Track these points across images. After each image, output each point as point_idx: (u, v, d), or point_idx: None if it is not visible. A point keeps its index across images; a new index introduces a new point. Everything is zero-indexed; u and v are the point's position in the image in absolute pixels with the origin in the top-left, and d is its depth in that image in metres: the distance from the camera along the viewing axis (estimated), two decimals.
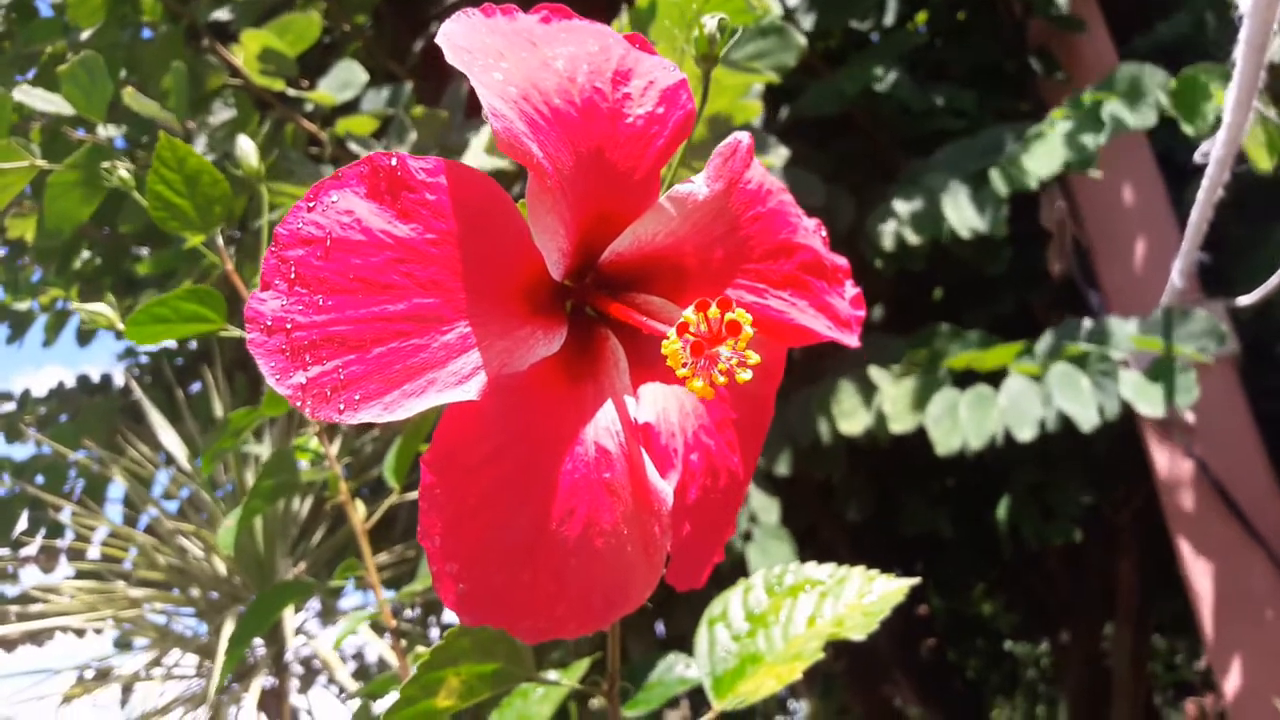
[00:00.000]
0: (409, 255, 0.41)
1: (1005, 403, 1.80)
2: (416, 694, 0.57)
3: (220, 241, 0.83)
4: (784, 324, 0.54)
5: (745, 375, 0.44)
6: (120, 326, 0.77)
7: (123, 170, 0.80)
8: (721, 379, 0.44)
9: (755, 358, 0.44)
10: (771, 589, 0.71)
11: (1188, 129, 1.69)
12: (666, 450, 0.51)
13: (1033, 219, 2.40)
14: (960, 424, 1.79)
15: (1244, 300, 1.64)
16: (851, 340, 0.57)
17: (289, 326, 0.39)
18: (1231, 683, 2.03)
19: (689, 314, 0.44)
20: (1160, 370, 1.75)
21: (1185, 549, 2.13)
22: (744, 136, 0.52)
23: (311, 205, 0.40)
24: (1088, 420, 1.74)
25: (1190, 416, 2.12)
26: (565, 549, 0.45)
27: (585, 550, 0.45)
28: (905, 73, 2.23)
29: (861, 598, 0.67)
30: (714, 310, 0.44)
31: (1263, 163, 1.26)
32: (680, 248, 0.52)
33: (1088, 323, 1.91)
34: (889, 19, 2.44)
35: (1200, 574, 2.10)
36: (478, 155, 1.61)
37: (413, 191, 0.41)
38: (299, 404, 0.39)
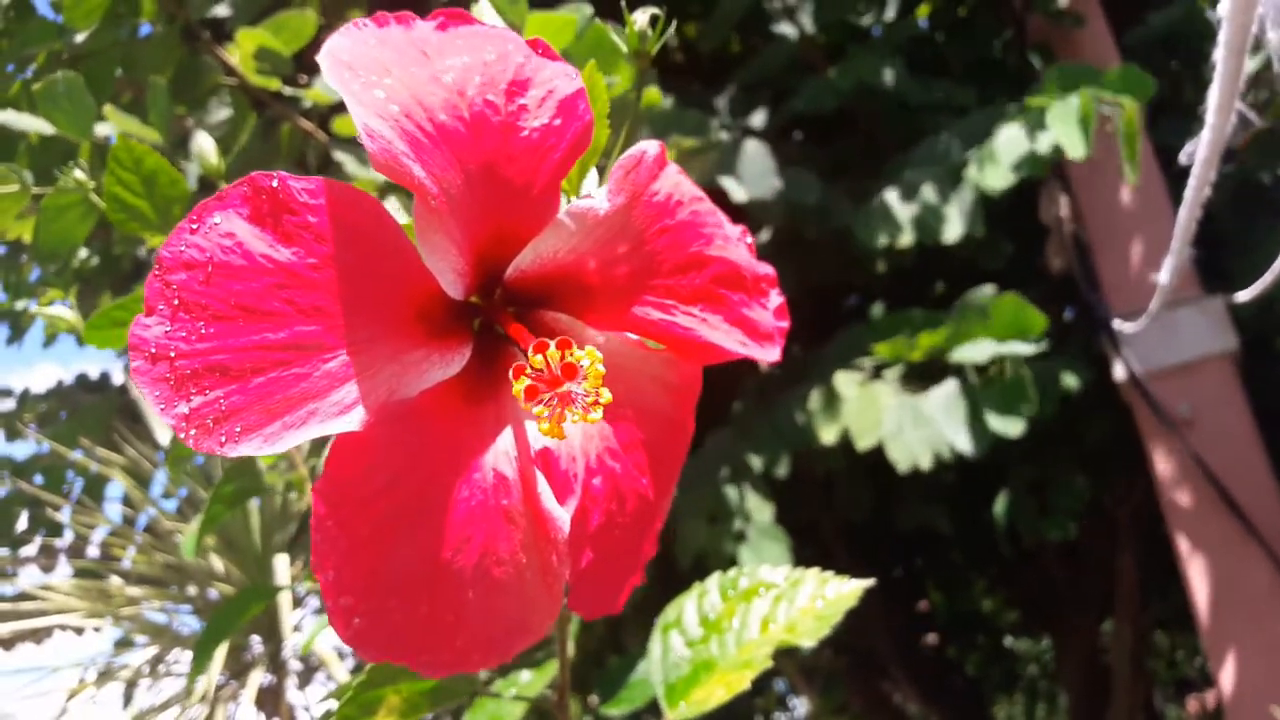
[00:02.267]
0: (290, 281, 0.39)
1: (933, 425, 1.80)
2: (354, 713, 0.55)
3: None
4: (694, 342, 0.52)
5: (595, 415, 0.43)
6: (79, 329, 0.76)
7: (78, 173, 0.79)
8: (575, 418, 0.43)
9: (607, 396, 0.44)
10: (726, 593, 0.70)
11: (1076, 153, 1.68)
12: (566, 475, 0.49)
13: (1032, 215, 2.39)
14: (908, 442, 1.80)
15: (1241, 296, 1.64)
16: (771, 355, 0.54)
17: (172, 355, 0.38)
18: (1228, 678, 2.04)
19: (530, 355, 0.43)
20: (1005, 390, 1.74)
21: (1183, 545, 2.13)
22: (650, 146, 0.50)
23: (195, 227, 0.39)
24: (970, 448, 1.74)
25: (1189, 412, 2.13)
26: (462, 579, 0.43)
27: (483, 580, 0.44)
28: (904, 68, 2.23)
29: (814, 601, 0.66)
30: (553, 351, 0.43)
31: None
32: (583, 263, 0.50)
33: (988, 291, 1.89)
34: (890, 14, 2.44)
35: (1198, 570, 2.10)
36: None
37: (294, 214, 0.40)
38: (182, 435, 0.37)
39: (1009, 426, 1.72)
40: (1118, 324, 2.12)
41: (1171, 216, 2.20)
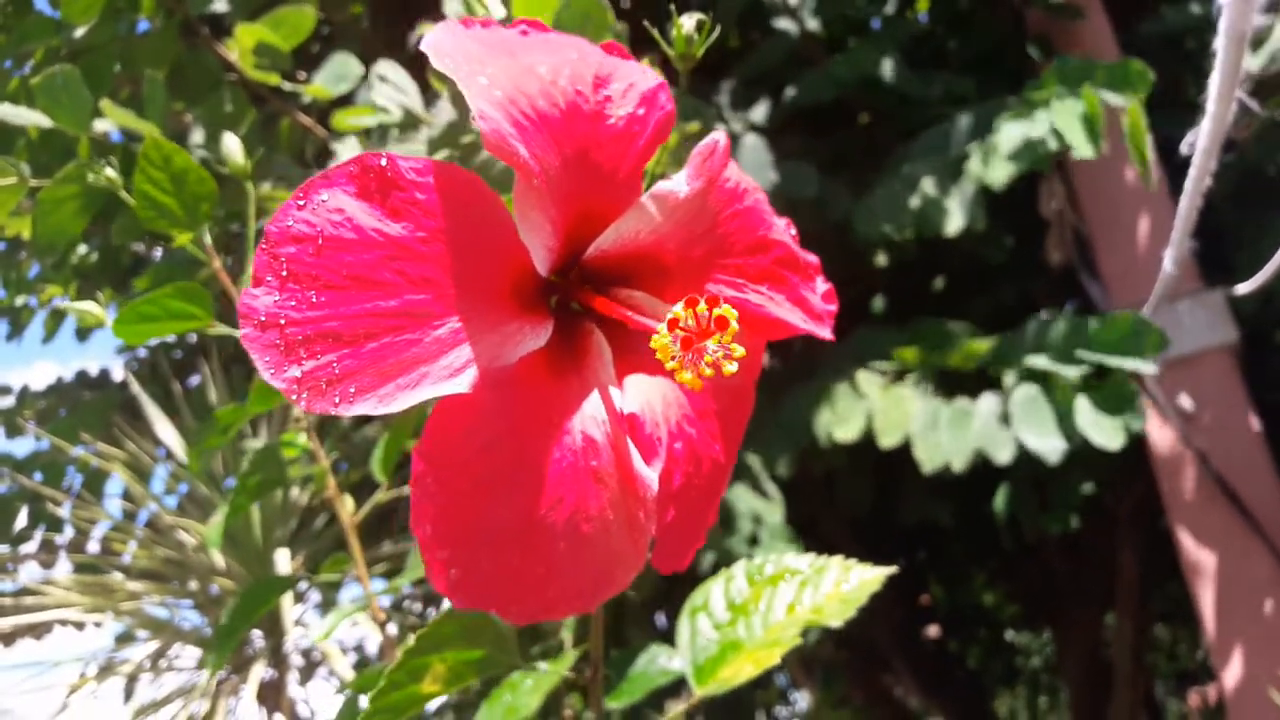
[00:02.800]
0: (400, 253, 0.42)
1: (979, 425, 1.78)
2: (402, 679, 0.57)
3: (208, 239, 0.83)
4: (763, 317, 0.56)
5: (731, 368, 0.46)
6: (106, 323, 0.77)
7: (109, 170, 0.80)
8: (709, 371, 0.46)
9: (740, 351, 0.46)
10: (752, 578, 0.72)
11: (1084, 153, 1.67)
12: (651, 439, 0.52)
13: (1033, 208, 2.39)
14: (942, 442, 1.78)
15: (1241, 289, 1.64)
16: (825, 333, 0.58)
17: (283, 322, 0.40)
18: (1232, 672, 2.04)
19: (679, 309, 0.45)
20: (1111, 396, 1.72)
21: (1185, 539, 2.13)
22: (721, 136, 0.54)
23: (302, 204, 0.41)
24: (1053, 451, 1.72)
25: (1190, 405, 2.12)
26: (554, 534, 0.46)
27: (573, 535, 0.46)
28: (903, 61, 2.22)
29: (839, 586, 0.68)
30: (702, 306, 0.45)
31: None
32: (662, 244, 0.53)
33: (1046, 318, 1.88)
34: (890, 8, 2.43)
35: (1200, 564, 2.10)
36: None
37: (402, 190, 0.42)
38: (294, 397, 0.40)
39: (1110, 437, 1.67)
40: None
41: (1172, 208, 2.20)
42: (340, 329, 0.40)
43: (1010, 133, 1.83)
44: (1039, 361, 1.77)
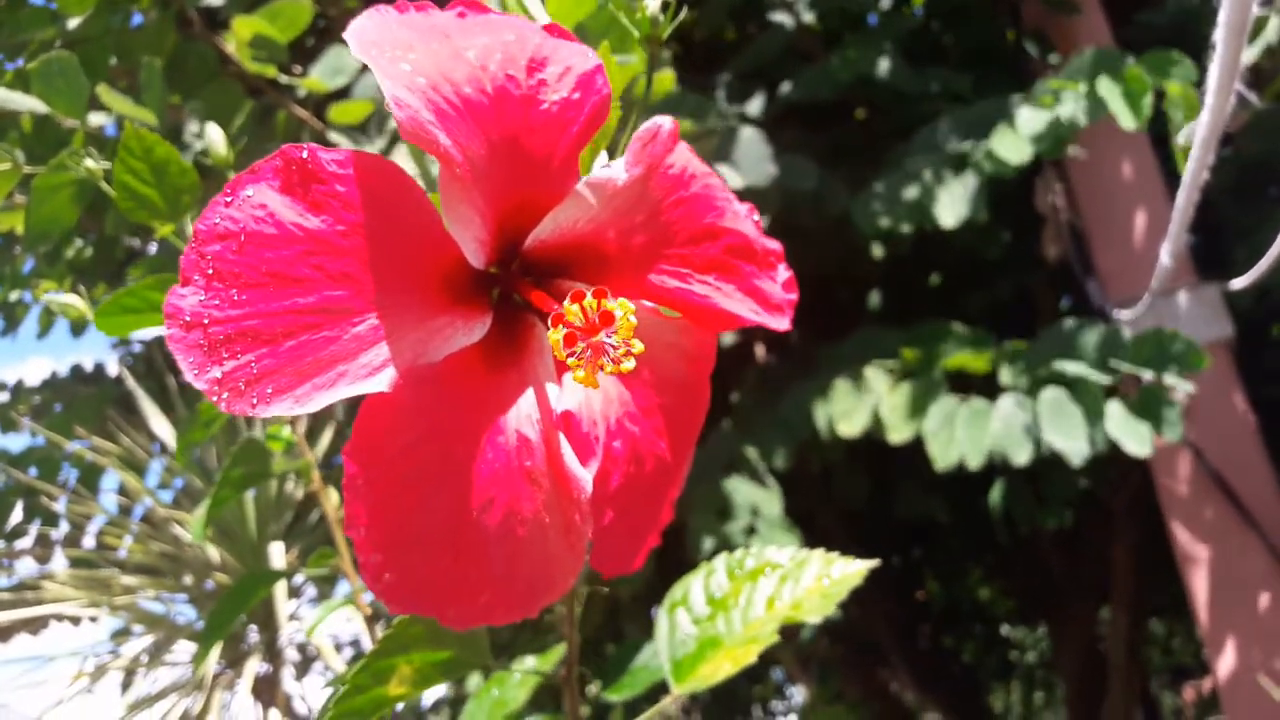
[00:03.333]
0: (319, 248, 0.41)
1: (999, 425, 1.78)
2: (366, 682, 0.56)
3: (190, 230, 0.83)
4: (709, 309, 0.54)
5: (628, 365, 0.45)
6: (90, 317, 0.76)
7: (89, 161, 0.79)
8: (609, 368, 0.45)
9: (639, 347, 0.45)
10: (733, 572, 0.71)
11: (1127, 124, 1.67)
12: (588, 438, 0.51)
13: (1028, 203, 2.39)
14: (957, 440, 1.78)
15: (1237, 283, 1.63)
16: (782, 324, 0.56)
17: (205, 322, 0.39)
18: (1225, 664, 2.04)
19: (566, 305, 0.45)
20: (1146, 404, 1.72)
21: (1180, 533, 2.14)
22: (665, 121, 0.52)
23: (229, 200, 0.40)
24: (1078, 454, 1.72)
25: (1185, 400, 2.12)
26: (487, 537, 0.45)
27: (507, 538, 0.45)
28: (900, 56, 2.22)
29: (820, 580, 0.67)
30: (589, 300, 0.44)
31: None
32: (601, 233, 0.51)
33: (1074, 324, 1.87)
34: (886, 2, 2.43)
35: (1194, 558, 2.11)
36: None
37: (323, 184, 0.41)
38: (215, 398, 0.39)
39: (1140, 443, 1.68)
40: (1114, 311, 2.12)
41: (1168, 204, 2.20)
42: (259, 327, 0.39)
43: (1029, 116, 1.83)
44: (1071, 367, 1.77)
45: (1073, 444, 1.72)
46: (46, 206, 1.30)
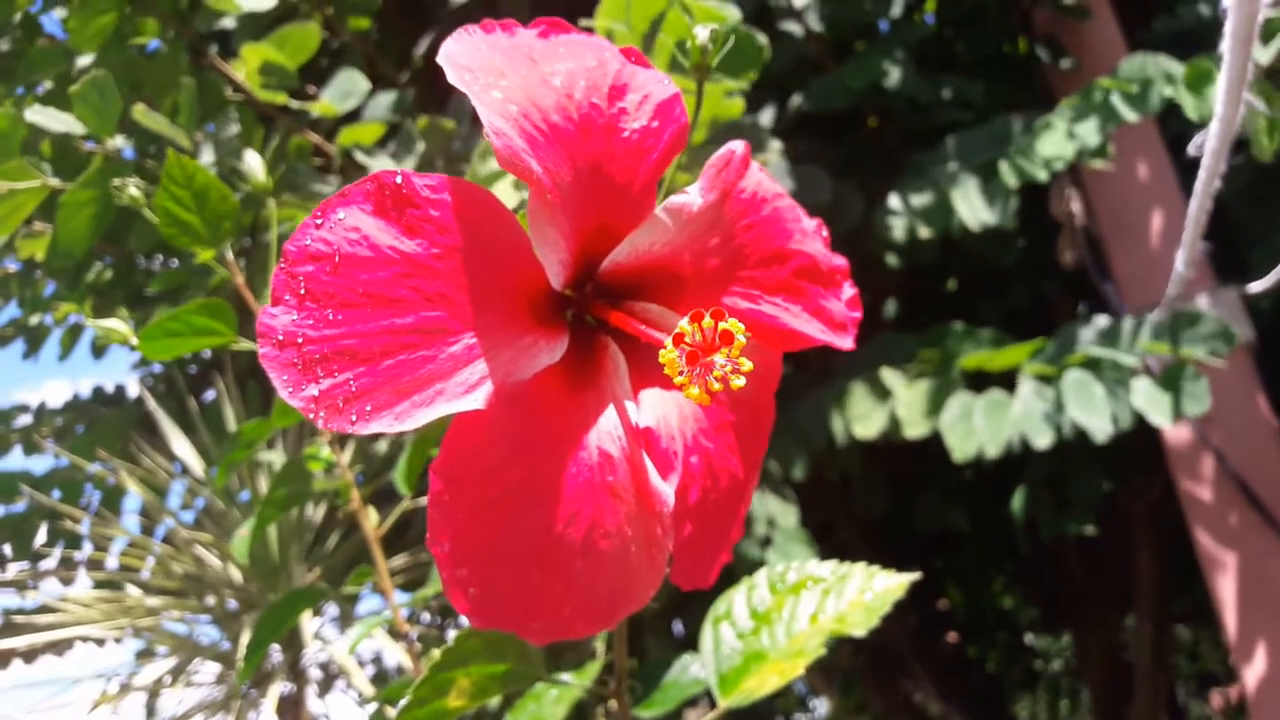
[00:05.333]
0: (415, 270, 0.42)
1: (1019, 410, 1.77)
2: (428, 694, 0.57)
3: (230, 255, 0.84)
4: (778, 329, 0.55)
5: (739, 382, 0.46)
6: (134, 341, 0.78)
7: (133, 188, 0.81)
8: (717, 385, 0.45)
9: (748, 365, 0.46)
10: (775, 586, 0.72)
11: (1193, 115, 1.67)
12: (667, 453, 0.52)
13: (1044, 209, 2.39)
14: (975, 430, 1.77)
15: (1255, 287, 1.63)
16: (846, 343, 0.58)
17: (300, 340, 0.40)
18: (1254, 671, 2.02)
19: (684, 324, 0.45)
20: (1171, 377, 1.71)
21: (1203, 538, 2.12)
22: (738, 146, 0.53)
23: (319, 222, 0.41)
24: (1101, 430, 1.71)
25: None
26: (571, 551, 0.46)
27: (590, 552, 0.46)
28: (912, 65, 2.22)
29: (863, 594, 0.68)
30: (708, 320, 0.45)
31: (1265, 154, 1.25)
32: (677, 257, 0.53)
33: (1101, 321, 1.87)
34: (897, 9, 2.43)
35: (1219, 563, 2.09)
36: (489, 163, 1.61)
37: (417, 208, 0.42)
38: (312, 415, 0.40)
39: (1165, 415, 1.67)
40: (1131, 317, 2.11)
41: (1184, 208, 2.19)
42: (357, 347, 0.40)
43: (1069, 117, 1.84)
44: (1096, 350, 1.77)
45: (1096, 420, 1.71)
46: (72, 222, 1.32)
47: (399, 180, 0.42)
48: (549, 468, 0.45)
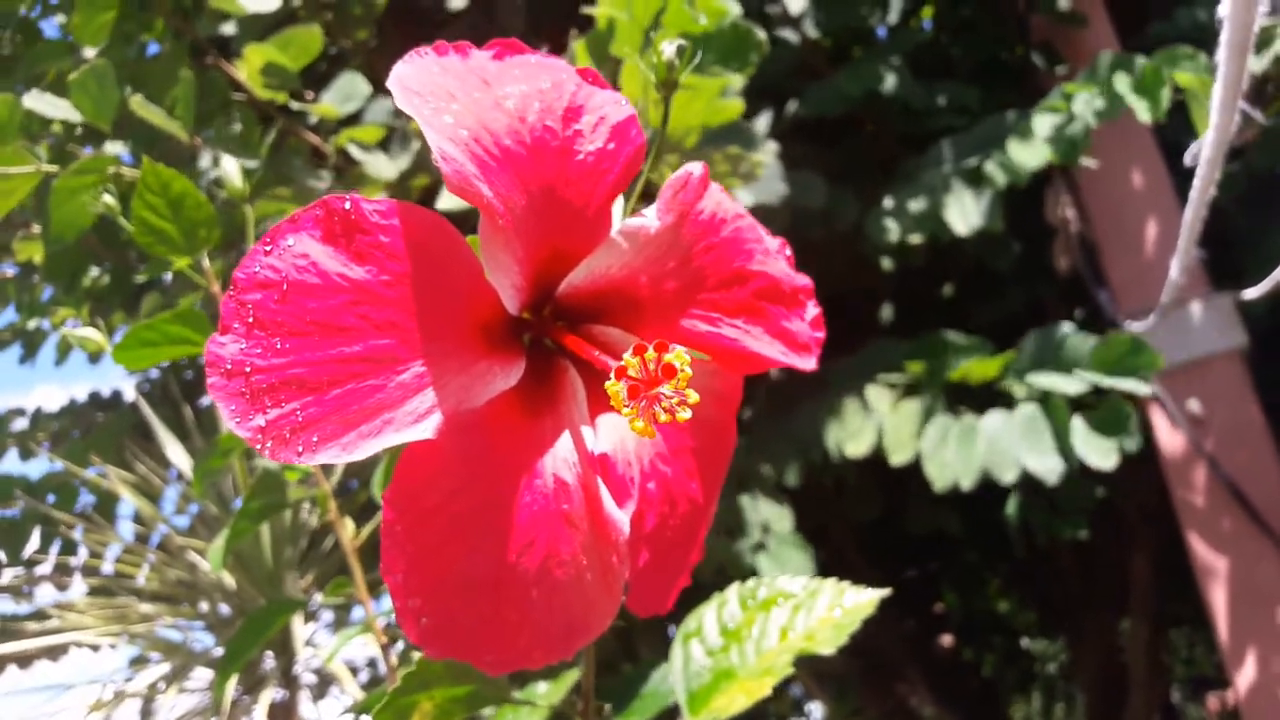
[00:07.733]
0: (364, 297, 0.41)
1: (983, 447, 1.78)
2: (389, 719, 0.56)
3: (207, 264, 0.84)
4: (738, 352, 0.54)
5: (685, 414, 0.45)
6: (108, 349, 0.77)
7: (107, 196, 0.80)
8: (664, 416, 0.45)
9: (695, 397, 0.45)
10: (745, 602, 0.71)
11: (1144, 116, 1.66)
12: (623, 480, 0.51)
13: (1039, 215, 2.39)
14: (949, 462, 1.78)
15: (1249, 293, 1.63)
16: (808, 364, 0.57)
17: (248, 370, 0.39)
18: (1246, 676, 2.02)
19: (627, 357, 0.44)
20: (1106, 420, 1.72)
21: (1197, 544, 2.12)
22: (695, 168, 0.52)
23: (269, 249, 0.40)
24: (1052, 472, 1.72)
25: (1199, 410, 2.11)
26: (526, 581, 0.45)
27: (546, 581, 0.45)
28: (908, 71, 2.22)
29: (832, 610, 0.67)
30: (650, 353, 0.44)
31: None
32: (634, 279, 0.52)
33: (1064, 328, 1.86)
34: (893, 16, 2.44)
35: (1212, 569, 2.09)
36: None
37: (366, 234, 0.41)
38: (259, 447, 0.39)
39: (1104, 457, 1.68)
40: (1126, 322, 2.11)
41: (1179, 214, 2.19)
42: (304, 376, 0.40)
43: (1044, 121, 1.83)
44: (1041, 380, 1.77)
45: (1045, 461, 1.72)
46: (65, 209, 1.32)
47: (348, 206, 0.41)
48: (503, 496, 0.45)
